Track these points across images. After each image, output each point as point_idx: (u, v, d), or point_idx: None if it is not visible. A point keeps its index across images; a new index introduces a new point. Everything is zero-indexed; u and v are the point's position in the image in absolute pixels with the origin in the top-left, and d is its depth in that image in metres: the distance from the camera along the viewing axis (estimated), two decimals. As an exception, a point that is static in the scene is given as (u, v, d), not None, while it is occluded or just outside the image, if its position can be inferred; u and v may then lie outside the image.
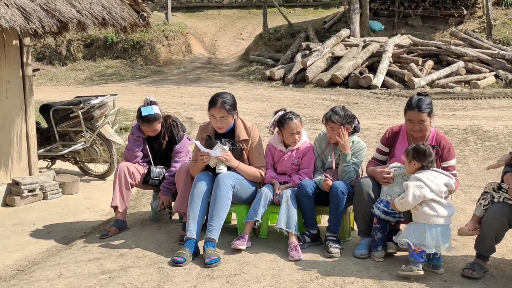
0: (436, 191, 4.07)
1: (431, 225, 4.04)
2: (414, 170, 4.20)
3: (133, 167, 5.25)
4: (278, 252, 4.55)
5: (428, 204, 4.06)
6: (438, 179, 4.12)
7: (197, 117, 10.47)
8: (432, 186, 4.06)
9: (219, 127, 4.81)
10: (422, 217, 4.07)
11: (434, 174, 4.14)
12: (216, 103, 4.74)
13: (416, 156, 4.18)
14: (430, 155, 4.17)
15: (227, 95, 4.82)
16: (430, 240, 4.02)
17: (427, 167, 4.17)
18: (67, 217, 6.05)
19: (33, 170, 6.75)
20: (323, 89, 14.13)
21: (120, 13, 6.69)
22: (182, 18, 22.16)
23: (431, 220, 4.04)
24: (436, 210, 4.05)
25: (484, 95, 13.03)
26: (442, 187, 4.11)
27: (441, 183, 4.11)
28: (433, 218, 4.04)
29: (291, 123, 4.82)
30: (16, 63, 6.47)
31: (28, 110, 6.65)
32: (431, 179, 4.09)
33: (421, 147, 4.19)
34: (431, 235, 4.03)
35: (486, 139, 8.98)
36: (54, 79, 16.86)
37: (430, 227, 4.04)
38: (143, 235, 5.03)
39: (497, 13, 18.67)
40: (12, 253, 5.06)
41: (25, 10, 5.62)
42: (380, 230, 4.41)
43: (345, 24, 18.23)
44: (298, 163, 4.90)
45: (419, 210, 4.07)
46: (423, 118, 4.45)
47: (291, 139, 4.84)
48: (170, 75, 17.30)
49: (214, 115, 4.77)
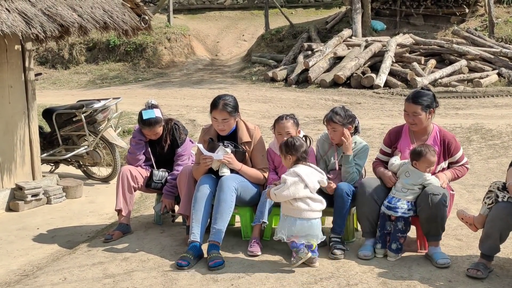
0: (311, 187, 4.22)
1: (303, 218, 4.20)
2: (291, 164, 4.32)
3: (136, 171, 5.25)
4: (282, 254, 4.55)
5: (302, 199, 4.20)
6: (314, 175, 4.26)
7: (200, 119, 10.47)
8: (308, 183, 4.20)
9: (221, 130, 4.81)
10: (295, 211, 4.21)
11: (310, 170, 4.28)
12: (218, 105, 4.75)
13: (289, 150, 4.30)
14: (301, 146, 4.31)
15: (229, 97, 4.83)
16: (300, 232, 4.19)
17: (303, 158, 4.31)
18: (71, 221, 6.05)
19: (37, 175, 6.77)
20: (326, 89, 14.12)
21: (122, 17, 6.71)
22: (184, 20, 22.16)
23: (303, 215, 4.20)
24: (310, 205, 4.21)
25: (487, 94, 12.99)
26: (315, 185, 4.25)
27: (315, 180, 4.25)
28: (306, 213, 4.20)
29: (280, 123, 4.82)
30: (18, 68, 6.49)
31: (31, 115, 6.67)
32: (308, 175, 4.23)
33: (289, 140, 4.34)
34: (302, 227, 4.19)
35: (490, 138, 8.95)
36: (57, 83, 16.89)
37: (302, 220, 4.20)
38: (147, 238, 5.03)
39: (499, 11, 18.61)
40: (16, 258, 5.07)
41: (26, 15, 5.64)
42: (380, 227, 4.48)
43: (347, 24, 18.20)
44: None
45: (293, 205, 4.21)
46: (416, 110, 4.53)
47: (280, 139, 4.77)
48: (172, 77, 17.31)
49: (216, 117, 4.77)
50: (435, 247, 4.44)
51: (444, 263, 4.29)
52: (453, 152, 4.61)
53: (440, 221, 4.42)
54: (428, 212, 4.36)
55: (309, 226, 4.22)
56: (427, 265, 4.33)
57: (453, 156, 4.62)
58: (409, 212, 4.41)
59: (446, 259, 4.33)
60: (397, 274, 4.17)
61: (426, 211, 4.36)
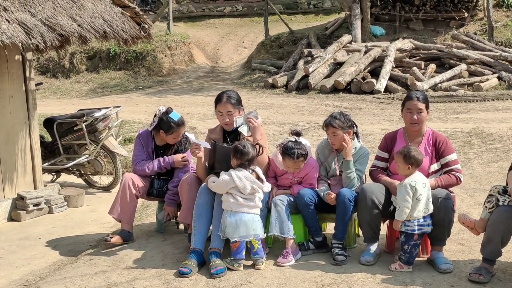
0: (241, 187, 4.43)
1: (231, 212, 4.44)
2: (235, 166, 4.54)
3: (138, 179, 5.26)
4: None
5: (232, 194, 4.45)
6: (248, 180, 4.46)
7: (201, 126, 10.47)
8: (238, 184, 4.42)
9: (227, 123, 4.89)
10: (225, 203, 4.50)
11: (247, 174, 4.48)
12: (222, 98, 4.89)
13: (235, 154, 4.52)
14: (246, 154, 4.51)
15: (231, 91, 5.01)
16: (233, 227, 4.41)
17: (244, 166, 4.52)
18: (73, 230, 6.05)
19: (38, 184, 6.77)
20: (326, 95, 14.13)
21: (121, 26, 6.72)
22: (184, 28, 22.22)
23: (229, 207, 4.45)
24: (238, 200, 4.43)
25: (487, 97, 13.00)
26: (247, 188, 4.44)
27: (248, 184, 4.45)
28: (234, 206, 4.43)
29: (288, 161, 4.73)
30: (18, 78, 6.51)
31: (32, 124, 6.68)
32: (241, 178, 4.44)
33: (238, 146, 4.52)
34: (231, 221, 4.41)
35: (491, 142, 8.95)
36: (58, 92, 16.91)
37: (231, 214, 4.44)
38: (149, 246, 5.03)
39: (498, 15, 18.64)
40: (19, 268, 5.07)
41: (26, 26, 5.65)
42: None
43: (347, 29, 18.24)
44: (299, 181, 4.87)
45: (224, 197, 4.51)
46: (421, 106, 4.62)
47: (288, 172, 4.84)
48: (173, 85, 17.34)
49: (221, 111, 4.89)
50: (438, 252, 4.43)
51: (446, 268, 4.28)
52: (444, 153, 4.62)
53: (447, 226, 4.43)
54: (436, 216, 4.36)
55: (239, 221, 4.40)
56: (429, 270, 4.33)
57: (444, 157, 4.62)
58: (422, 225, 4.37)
59: (449, 264, 4.32)
60: (399, 279, 4.17)
61: (434, 215, 4.36)
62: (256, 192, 4.51)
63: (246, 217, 4.44)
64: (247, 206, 4.47)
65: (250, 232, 4.44)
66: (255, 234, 4.46)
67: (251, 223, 4.45)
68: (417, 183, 4.29)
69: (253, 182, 4.48)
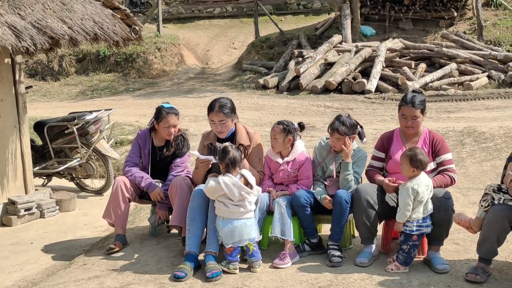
0: (229, 195, 4.40)
1: (223, 218, 4.42)
2: (223, 170, 4.53)
3: (130, 182, 5.20)
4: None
5: (222, 201, 4.43)
6: (236, 186, 4.41)
7: (193, 128, 10.42)
8: (226, 191, 4.39)
9: (219, 132, 4.84)
10: (217, 210, 4.48)
11: (235, 181, 4.44)
12: (214, 107, 4.81)
13: (220, 157, 4.51)
14: (227, 154, 4.49)
15: (225, 99, 4.90)
16: (227, 233, 4.39)
17: (228, 168, 4.49)
18: (65, 234, 6.00)
19: (29, 189, 6.71)
20: (317, 95, 14.13)
21: (112, 28, 6.68)
22: (174, 30, 22.15)
23: (221, 214, 4.43)
24: (229, 207, 4.41)
25: (478, 96, 13.04)
26: (236, 195, 4.40)
27: (236, 191, 4.40)
28: (223, 213, 4.42)
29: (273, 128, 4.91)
30: (8, 82, 6.44)
31: (22, 128, 6.61)
32: (228, 185, 4.40)
33: (222, 147, 4.52)
34: (227, 229, 4.39)
35: (483, 141, 8.97)
36: (47, 95, 16.79)
37: (223, 220, 4.42)
38: (143, 250, 4.98)
39: (487, 14, 18.72)
40: (11, 273, 5.01)
41: (16, 29, 5.60)
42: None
43: (337, 30, 18.25)
44: (294, 174, 4.86)
45: (216, 205, 4.49)
46: (416, 114, 4.57)
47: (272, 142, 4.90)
48: (163, 87, 17.27)
49: (213, 120, 4.82)
50: (435, 252, 4.42)
51: (443, 268, 4.27)
52: (439, 152, 4.61)
53: (446, 225, 4.42)
54: (435, 215, 4.35)
55: (232, 228, 4.38)
56: (426, 271, 4.31)
57: (439, 156, 4.61)
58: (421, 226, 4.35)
59: (445, 264, 4.31)
60: (396, 280, 4.15)
61: (434, 214, 4.35)
62: (245, 198, 4.47)
63: (238, 223, 4.41)
64: (238, 213, 4.44)
65: (244, 237, 4.42)
66: (250, 239, 4.43)
67: (243, 228, 4.42)
68: (419, 186, 4.27)
69: (241, 189, 4.43)
